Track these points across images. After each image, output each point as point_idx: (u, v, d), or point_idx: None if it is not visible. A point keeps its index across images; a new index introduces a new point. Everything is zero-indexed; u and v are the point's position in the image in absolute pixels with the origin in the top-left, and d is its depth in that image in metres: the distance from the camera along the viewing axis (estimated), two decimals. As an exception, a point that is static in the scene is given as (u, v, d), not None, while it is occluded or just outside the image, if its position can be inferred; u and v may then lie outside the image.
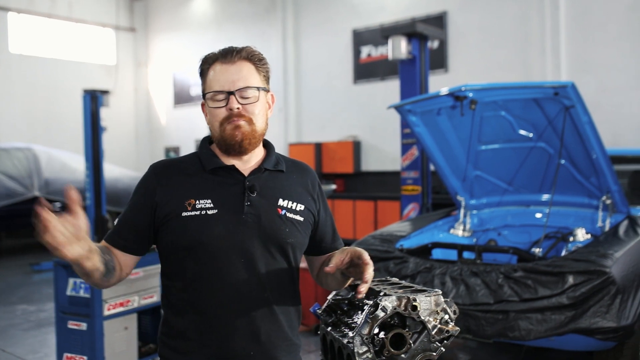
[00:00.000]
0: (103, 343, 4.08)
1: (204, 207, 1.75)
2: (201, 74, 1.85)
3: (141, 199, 1.82)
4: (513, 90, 4.68)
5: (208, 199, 1.76)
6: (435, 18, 11.33)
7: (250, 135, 1.79)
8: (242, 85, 1.77)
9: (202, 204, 1.75)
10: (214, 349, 1.75)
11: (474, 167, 5.33)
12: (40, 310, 7.12)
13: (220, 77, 1.78)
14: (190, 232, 1.73)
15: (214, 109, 1.79)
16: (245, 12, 15.00)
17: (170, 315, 1.80)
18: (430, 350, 1.51)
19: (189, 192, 1.77)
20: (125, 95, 17.27)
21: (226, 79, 1.77)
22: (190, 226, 1.73)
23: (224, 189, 1.79)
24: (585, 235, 4.69)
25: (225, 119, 1.77)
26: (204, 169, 1.82)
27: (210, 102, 1.79)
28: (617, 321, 3.54)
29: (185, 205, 1.75)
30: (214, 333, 1.74)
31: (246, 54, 1.80)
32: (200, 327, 1.75)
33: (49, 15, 15.67)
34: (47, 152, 11.87)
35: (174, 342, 1.79)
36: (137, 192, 1.84)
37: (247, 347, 1.75)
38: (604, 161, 4.54)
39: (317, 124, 13.53)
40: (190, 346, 1.76)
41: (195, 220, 1.74)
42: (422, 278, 4.16)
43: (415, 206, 7.29)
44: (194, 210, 1.74)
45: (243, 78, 1.78)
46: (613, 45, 9.36)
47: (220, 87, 1.77)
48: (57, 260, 4.25)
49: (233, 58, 1.79)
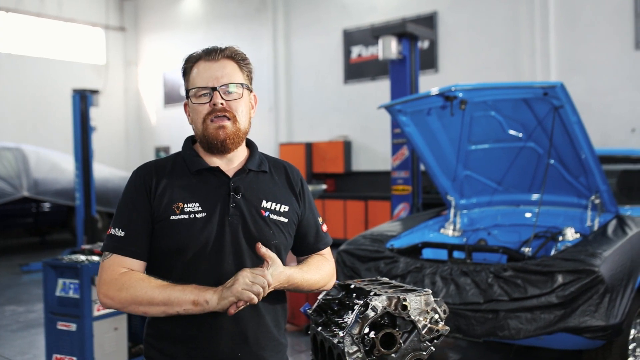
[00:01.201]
0: (93, 344, 4.05)
1: (192, 210, 1.75)
2: (184, 72, 1.85)
3: (139, 204, 1.78)
4: (503, 90, 4.70)
5: (196, 202, 1.76)
6: (425, 18, 11.36)
7: (234, 135, 1.78)
8: (226, 82, 1.78)
9: (190, 207, 1.75)
10: (201, 350, 1.74)
11: (464, 167, 5.35)
12: (29, 311, 7.08)
13: (203, 74, 1.78)
14: (179, 235, 1.73)
15: (197, 105, 1.78)
16: (235, 12, 14.98)
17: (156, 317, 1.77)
18: (421, 349, 1.52)
19: (176, 195, 1.76)
20: (115, 95, 17.20)
21: (210, 75, 1.78)
22: (179, 230, 1.73)
23: (209, 191, 1.79)
24: (575, 234, 4.71)
25: (208, 114, 1.77)
26: (189, 171, 1.81)
27: (194, 98, 1.79)
28: (606, 320, 3.56)
29: (173, 208, 1.74)
30: (202, 334, 1.74)
31: (229, 53, 1.81)
32: (187, 328, 1.74)
33: (38, 15, 15.58)
34: (37, 152, 11.81)
35: (161, 344, 1.78)
36: (132, 198, 1.79)
37: (235, 348, 1.76)
38: (593, 161, 4.57)
39: (308, 123, 13.53)
40: (177, 348, 1.76)
41: (184, 224, 1.73)
42: (412, 278, 4.17)
43: (405, 206, 7.31)
44: (183, 214, 1.74)
45: (227, 75, 1.79)
46: (602, 46, 9.43)
47: (204, 83, 1.77)
48: (46, 260, 4.23)
49: (217, 56, 1.80)
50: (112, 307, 1.72)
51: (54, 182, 11.40)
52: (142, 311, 1.69)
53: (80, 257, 4.28)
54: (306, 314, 1.75)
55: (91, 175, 9.54)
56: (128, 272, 1.72)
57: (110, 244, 1.75)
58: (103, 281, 1.72)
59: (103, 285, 1.72)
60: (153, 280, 1.70)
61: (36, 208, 11.81)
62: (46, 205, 11.91)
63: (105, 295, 1.71)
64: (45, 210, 11.99)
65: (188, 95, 1.82)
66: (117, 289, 1.69)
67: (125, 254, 1.74)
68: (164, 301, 1.65)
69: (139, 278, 1.70)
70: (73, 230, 11.89)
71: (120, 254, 1.74)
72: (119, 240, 1.75)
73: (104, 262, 1.75)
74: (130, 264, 1.74)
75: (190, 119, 1.84)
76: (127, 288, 1.68)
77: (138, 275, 1.71)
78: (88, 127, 9.47)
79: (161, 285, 1.68)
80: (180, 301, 1.65)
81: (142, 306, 1.68)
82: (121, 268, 1.73)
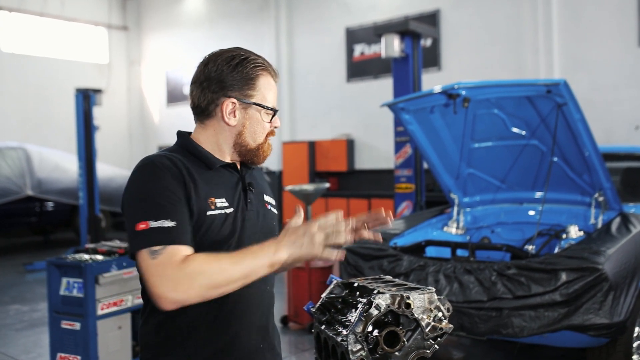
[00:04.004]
0: (97, 343, 4.06)
1: (222, 205, 1.74)
2: (249, 75, 1.79)
3: (180, 193, 1.65)
4: (506, 88, 4.69)
5: (222, 198, 1.75)
6: (428, 16, 11.34)
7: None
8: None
9: (220, 202, 1.74)
10: (226, 343, 1.74)
11: (467, 164, 5.34)
12: (33, 310, 7.10)
13: (274, 94, 1.87)
14: (214, 230, 1.71)
15: (264, 122, 1.83)
16: (238, 10, 14.98)
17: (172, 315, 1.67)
18: (424, 347, 1.52)
19: (207, 190, 1.73)
20: (118, 94, 17.22)
21: (275, 97, 1.88)
22: (214, 225, 1.71)
23: (229, 187, 1.80)
24: (578, 232, 4.70)
25: (269, 134, 1.85)
26: (208, 167, 1.78)
27: (263, 114, 1.83)
28: (610, 318, 3.56)
29: (208, 203, 1.71)
30: (229, 328, 1.74)
31: None
32: (213, 323, 1.72)
33: (40, 14, 15.60)
34: (40, 151, 11.84)
35: (180, 342, 1.72)
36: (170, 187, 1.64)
37: (259, 340, 1.80)
38: (597, 158, 4.56)
39: (311, 122, 13.53)
40: (200, 342, 1.72)
41: (219, 219, 1.72)
42: (415, 276, 4.17)
43: (408, 204, 7.30)
44: (216, 209, 1.72)
45: None
46: (605, 43, 9.41)
47: (274, 105, 1.86)
48: (50, 259, 4.24)
49: (277, 78, 1.90)
50: (185, 302, 1.54)
51: (58, 181, 11.42)
52: (220, 293, 1.57)
53: (84, 256, 4.29)
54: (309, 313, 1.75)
55: (94, 175, 9.56)
56: (190, 258, 1.56)
57: (162, 237, 1.57)
58: (168, 277, 1.53)
59: (169, 281, 1.53)
60: (218, 257, 1.58)
61: (40, 207, 11.83)
62: (50, 205, 11.94)
63: (176, 291, 1.52)
64: (48, 209, 12.01)
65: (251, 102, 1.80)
66: (189, 279, 1.53)
67: (181, 243, 1.58)
68: (243, 275, 1.57)
69: (204, 260, 1.56)
70: (77, 229, 11.92)
71: (176, 244, 1.58)
72: (170, 231, 1.58)
73: (157, 259, 1.55)
74: (186, 252, 1.59)
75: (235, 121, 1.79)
76: (200, 275, 1.54)
77: (201, 258, 1.57)
78: (91, 126, 9.49)
79: (232, 259, 1.58)
80: (257, 269, 1.58)
81: (220, 288, 1.56)
82: (180, 257, 1.56)
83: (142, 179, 1.67)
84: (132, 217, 1.62)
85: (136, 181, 1.68)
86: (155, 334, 1.74)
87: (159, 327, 1.73)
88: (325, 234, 1.61)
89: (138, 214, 1.61)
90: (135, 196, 1.66)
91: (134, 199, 1.65)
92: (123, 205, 1.70)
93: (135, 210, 1.63)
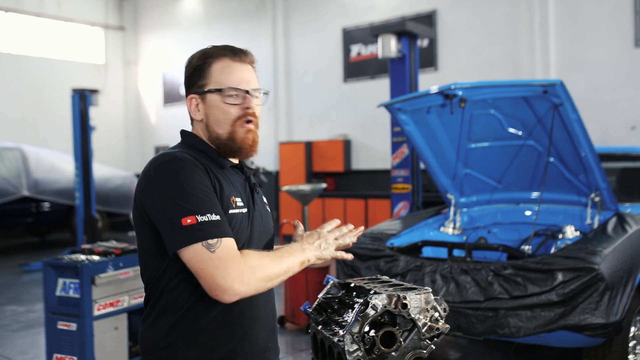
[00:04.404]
0: (93, 343, 4.06)
1: (240, 205, 1.75)
2: (201, 67, 1.77)
3: (211, 189, 1.67)
4: (502, 88, 4.70)
5: (239, 197, 1.77)
6: (425, 16, 11.36)
7: (257, 140, 1.82)
8: (255, 86, 1.79)
9: (239, 201, 1.76)
10: (238, 343, 1.74)
11: (464, 165, 5.35)
12: (29, 311, 7.08)
13: (235, 75, 1.76)
14: (235, 229, 1.71)
15: (227, 105, 1.75)
16: (235, 11, 14.97)
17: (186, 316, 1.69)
18: (421, 348, 1.52)
19: (227, 188, 1.73)
20: (114, 94, 17.19)
21: (242, 77, 1.76)
22: (234, 224, 1.71)
23: (240, 187, 1.81)
24: (574, 232, 4.71)
25: (239, 118, 1.76)
26: (221, 167, 1.79)
27: (224, 98, 1.75)
28: (606, 317, 3.56)
29: (231, 202, 1.72)
30: (240, 327, 1.74)
31: (253, 58, 1.83)
32: (225, 324, 1.71)
33: (37, 14, 15.57)
34: (36, 152, 11.82)
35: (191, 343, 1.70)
36: (204, 183, 1.66)
37: (267, 338, 1.82)
38: (593, 159, 4.57)
39: (308, 122, 13.53)
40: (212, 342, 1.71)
41: (238, 218, 1.74)
42: (412, 276, 4.17)
43: (405, 204, 7.31)
44: (237, 208, 1.74)
45: (254, 80, 1.80)
46: (602, 44, 9.43)
47: (237, 85, 1.75)
48: (46, 260, 4.23)
49: (245, 58, 1.80)
50: (246, 294, 1.60)
51: (54, 181, 11.40)
52: (269, 286, 1.66)
53: (80, 256, 4.28)
54: (306, 313, 1.75)
55: (91, 175, 9.54)
56: (245, 253, 1.64)
57: (214, 230, 1.59)
58: (233, 269, 1.57)
59: (235, 273, 1.57)
60: (262, 254, 1.67)
61: (36, 208, 11.81)
62: (46, 205, 11.91)
63: (242, 283, 1.57)
64: (45, 210, 11.99)
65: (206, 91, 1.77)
66: (252, 272, 1.60)
67: (230, 236, 1.63)
68: (285, 271, 1.68)
69: (257, 256, 1.65)
70: (73, 229, 11.89)
71: (228, 237, 1.62)
72: (218, 224, 1.61)
73: (216, 251, 1.57)
74: (236, 245, 1.64)
75: (200, 115, 1.80)
76: (259, 268, 1.61)
77: (253, 253, 1.65)
78: (88, 126, 9.48)
79: (275, 255, 1.68)
80: (293, 266, 1.70)
81: (271, 282, 1.65)
82: (237, 250, 1.62)
83: (175, 174, 1.64)
84: (174, 213, 1.59)
85: (168, 177, 1.64)
86: (164, 337, 1.71)
87: (169, 330, 1.70)
88: (335, 237, 1.79)
89: (180, 208, 1.59)
90: (172, 191, 1.62)
91: (172, 195, 1.61)
92: (155, 203, 1.64)
93: (175, 205, 1.60)
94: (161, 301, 1.71)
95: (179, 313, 1.68)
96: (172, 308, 1.69)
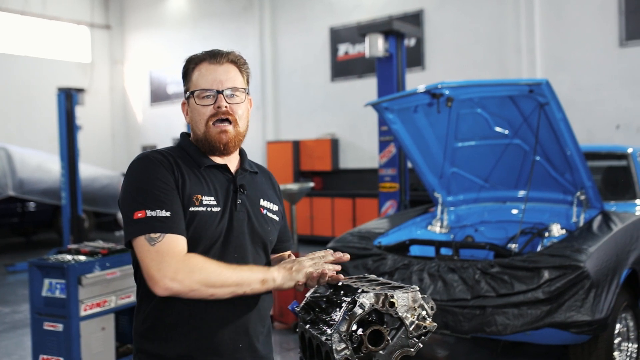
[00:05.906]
0: (80, 344, 4.03)
1: (209, 203, 1.79)
2: (185, 73, 1.88)
3: (172, 184, 1.74)
4: (489, 87, 4.72)
5: (211, 196, 1.80)
6: (412, 16, 11.38)
7: (235, 138, 1.85)
8: (230, 85, 1.83)
9: (207, 200, 1.79)
10: (204, 341, 1.76)
11: (451, 164, 5.37)
12: (15, 311, 7.02)
13: (208, 77, 1.83)
14: (195, 227, 1.75)
15: (200, 106, 1.83)
16: (222, 10, 14.92)
17: (157, 308, 1.77)
18: (408, 346, 1.53)
19: (194, 187, 1.79)
20: (101, 93, 17.08)
21: (214, 78, 1.83)
22: (196, 222, 1.75)
23: (220, 187, 1.84)
24: (560, 230, 4.75)
25: (211, 117, 1.82)
26: (199, 166, 1.84)
27: (197, 99, 1.83)
28: (592, 315, 3.59)
29: (193, 200, 1.76)
30: (205, 325, 1.76)
31: (233, 57, 1.87)
32: (191, 319, 1.76)
33: (22, 13, 15.43)
34: (21, 151, 11.71)
35: (161, 335, 1.77)
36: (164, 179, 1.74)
37: (237, 339, 1.80)
38: (578, 158, 4.60)
39: (295, 121, 13.52)
40: (179, 339, 1.76)
41: (202, 216, 1.76)
42: (400, 275, 4.18)
43: (393, 203, 7.33)
44: (201, 206, 1.77)
45: (231, 79, 1.84)
46: (587, 44, 9.50)
47: (209, 86, 1.82)
48: (32, 260, 4.19)
49: (221, 59, 1.85)
50: (179, 291, 1.64)
51: (40, 181, 11.31)
52: (211, 293, 1.66)
53: (66, 256, 4.25)
54: (294, 312, 1.75)
55: (77, 175, 9.47)
56: (191, 255, 1.68)
57: (159, 225, 1.67)
58: (168, 264, 1.63)
59: (169, 268, 1.63)
60: (216, 262, 1.69)
61: (22, 208, 11.71)
62: (32, 205, 11.82)
63: (174, 279, 1.62)
64: (30, 210, 11.89)
65: (188, 95, 1.87)
66: (189, 271, 1.64)
67: (177, 233, 1.69)
68: (237, 282, 1.67)
69: (204, 260, 1.68)
70: (59, 229, 11.81)
71: (173, 233, 1.67)
72: (166, 220, 1.68)
73: (156, 245, 1.65)
74: (183, 243, 1.70)
75: (188, 118, 1.89)
76: (199, 270, 1.64)
77: (201, 258, 1.68)
78: (74, 126, 9.41)
79: (229, 267, 1.69)
80: (250, 281, 1.69)
81: (212, 288, 1.65)
82: (181, 248, 1.67)
83: (137, 171, 1.76)
84: (129, 207, 1.72)
85: (132, 173, 1.77)
86: (141, 324, 1.81)
87: (145, 319, 1.80)
88: (311, 264, 1.75)
89: (135, 203, 1.71)
90: (131, 187, 1.75)
91: (131, 190, 1.74)
92: (120, 198, 1.79)
93: (132, 199, 1.72)
94: (140, 290, 1.82)
95: (151, 304, 1.78)
96: (147, 298, 1.78)
